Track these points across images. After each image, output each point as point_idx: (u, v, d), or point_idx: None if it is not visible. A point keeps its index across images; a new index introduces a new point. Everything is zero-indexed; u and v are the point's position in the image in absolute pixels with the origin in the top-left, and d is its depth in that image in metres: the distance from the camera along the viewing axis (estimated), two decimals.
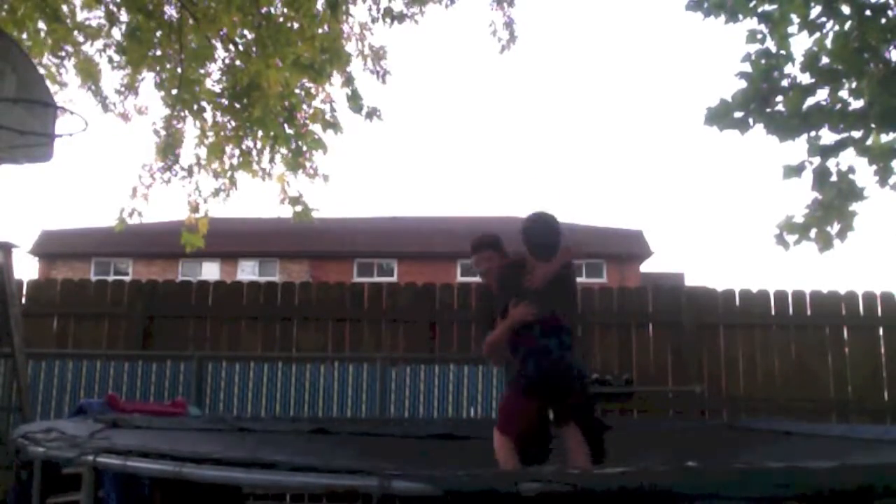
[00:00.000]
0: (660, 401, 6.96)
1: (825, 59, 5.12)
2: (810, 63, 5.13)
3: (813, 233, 5.32)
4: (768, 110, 5.15)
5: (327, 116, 6.77)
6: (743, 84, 5.19)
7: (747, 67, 5.19)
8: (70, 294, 7.06)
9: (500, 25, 6.61)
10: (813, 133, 5.23)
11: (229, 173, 6.92)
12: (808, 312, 7.06)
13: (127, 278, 19.37)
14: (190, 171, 6.99)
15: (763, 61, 5.14)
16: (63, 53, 6.67)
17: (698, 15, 5.27)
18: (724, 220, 49.66)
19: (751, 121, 5.21)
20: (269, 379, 6.41)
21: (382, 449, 4.30)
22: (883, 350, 6.98)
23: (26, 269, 27.66)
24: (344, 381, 6.40)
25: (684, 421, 6.44)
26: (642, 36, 56.14)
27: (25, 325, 5.29)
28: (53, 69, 6.69)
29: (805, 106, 5.14)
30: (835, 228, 5.30)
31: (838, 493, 1.98)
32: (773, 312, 7.06)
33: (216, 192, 6.92)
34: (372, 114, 6.60)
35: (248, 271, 23.42)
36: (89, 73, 6.87)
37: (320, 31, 6.40)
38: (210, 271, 22.39)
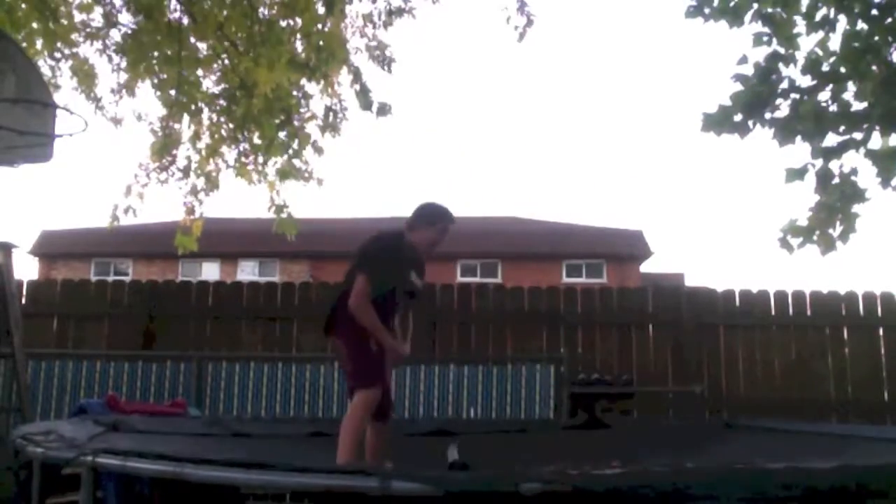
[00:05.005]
0: (660, 401, 6.96)
1: (827, 62, 5.11)
2: (812, 66, 5.11)
3: (816, 235, 5.29)
4: (768, 115, 5.14)
5: (331, 117, 6.74)
6: (738, 87, 5.17)
7: (744, 70, 5.17)
8: (70, 294, 7.05)
9: (514, 11, 6.40)
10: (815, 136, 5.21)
11: (214, 175, 6.90)
12: (809, 313, 7.06)
13: (127, 278, 19.35)
14: (186, 172, 6.97)
15: (763, 64, 5.12)
16: (59, 55, 6.63)
17: (698, 20, 5.25)
18: (724, 220, 49.60)
19: (750, 124, 5.20)
20: (269, 379, 6.40)
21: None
22: (883, 350, 6.98)
23: (26, 269, 27.65)
24: (344, 382, 6.38)
25: (684, 421, 6.42)
26: (644, 36, 56.16)
27: (25, 325, 5.27)
28: (48, 70, 6.62)
29: (806, 109, 5.12)
30: (837, 230, 5.27)
31: (838, 493, 1.98)
32: (773, 312, 7.06)
33: (195, 191, 6.90)
34: (383, 109, 6.41)
35: (248, 271, 23.38)
36: (86, 74, 6.82)
37: (316, 29, 6.34)
38: (210, 271, 22.35)
